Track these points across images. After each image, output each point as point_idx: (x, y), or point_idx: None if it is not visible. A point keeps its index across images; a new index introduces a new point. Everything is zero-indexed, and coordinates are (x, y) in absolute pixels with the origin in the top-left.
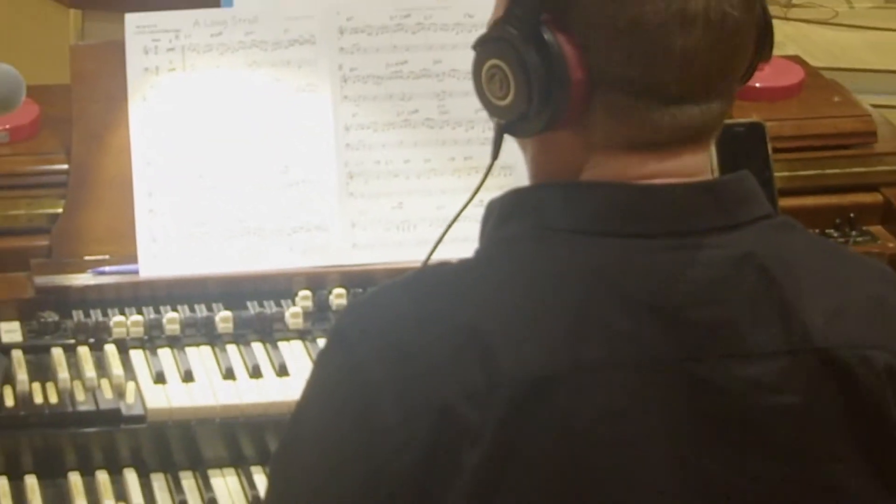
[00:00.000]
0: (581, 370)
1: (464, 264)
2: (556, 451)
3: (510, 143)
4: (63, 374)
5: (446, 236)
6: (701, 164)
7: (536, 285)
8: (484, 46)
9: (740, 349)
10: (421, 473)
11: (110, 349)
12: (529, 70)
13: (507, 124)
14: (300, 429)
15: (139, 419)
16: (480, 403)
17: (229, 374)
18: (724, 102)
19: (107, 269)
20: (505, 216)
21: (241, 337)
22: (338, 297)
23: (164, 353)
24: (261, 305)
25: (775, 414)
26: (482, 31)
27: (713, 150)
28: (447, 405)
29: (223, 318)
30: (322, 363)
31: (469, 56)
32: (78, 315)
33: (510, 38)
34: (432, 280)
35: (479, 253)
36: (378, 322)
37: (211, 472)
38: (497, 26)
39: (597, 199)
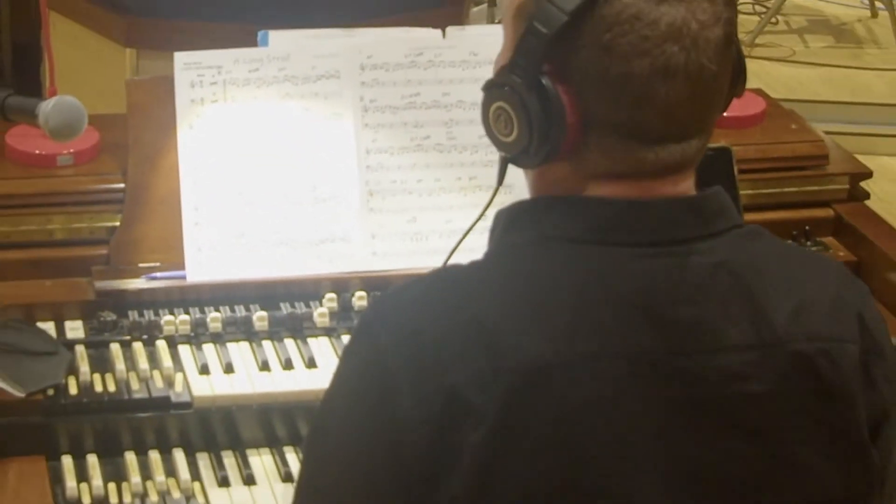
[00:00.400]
0: (575, 360)
1: (473, 266)
2: (551, 432)
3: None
4: (120, 366)
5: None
6: (682, 189)
7: (537, 286)
8: (491, 90)
9: (716, 343)
10: (433, 449)
11: (161, 344)
12: (531, 113)
13: (511, 157)
14: (330, 409)
15: (186, 405)
16: (485, 388)
17: (265, 367)
18: (703, 138)
19: (158, 274)
20: (510, 225)
21: (275, 334)
22: (359, 300)
23: (208, 348)
24: (292, 306)
25: (747, 400)
26: (485, 67)
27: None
28: (455, 390)
29: (259, 317)
30: (350, 352)
31: (473, 89)
32: (133, 315)
33: (514, 85)
34: (446, 279)
35: (487, 256)
36: (398, 315)
37: (249, 451)
38: (503, 73)
39: (590, 212)
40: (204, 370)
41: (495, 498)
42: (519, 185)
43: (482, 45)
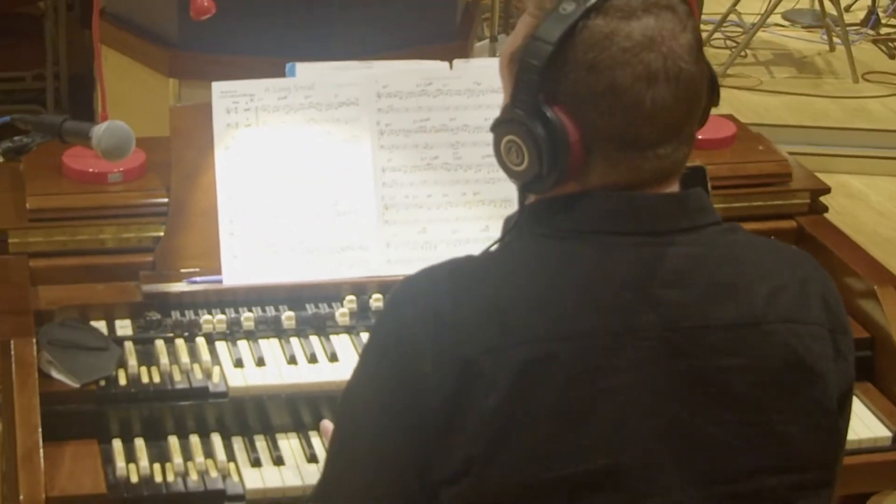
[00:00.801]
0: (579, 335)
1: (489, 255)
2: (557, 398)
3: (508, 179)
4: (164, 360)
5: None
6: (669, 190)
7: (544, 271)
8: (499, 127)
9: (701, 322)
10: (446, 408)
11: (200, 341)
12: (537, 138)
13: (526, 185)
14: (361, 374)
15: (223, 395)
16: (497, 360)
17: (292, 360)
18: (688, 147)
19: (198, 279)
20: (522, 221)
21: (301, 331)
22: (376, 301)
23: (242, 344)
24: (316, 307)
25: (729, 373)
26: (488, 95)
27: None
28: (470, 360)
29: (287, 317)
30: (379, 325)
31: (477, 114)
32: (175, 314)
33: (519, 118)
34: (464, 266)
35: (499, 248)
36: (422, 294)
37: (278, 435)
38: (507, 109)
39: (590, 206)
40: (238, 363)
41: (508, 457)
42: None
43: (485, 75)
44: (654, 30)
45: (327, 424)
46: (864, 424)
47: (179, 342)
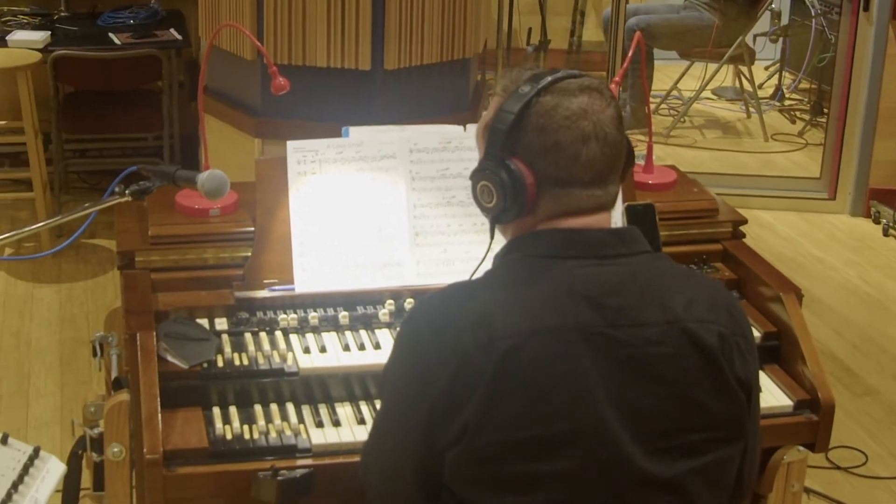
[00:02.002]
0: (545, 331)
1: (481, 278)
2: (530, 378)
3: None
4: (251, 348)
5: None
6: (605, 223)
7: (518, 285)
8: (475, 175)
9: (636, 321)
10: (450, 389)
11: (278, 334)
12: (503, 182)
13: (495, 218)
14: (389, 366)
15: (294, 374)
16: (485, 352)
17: (346, 348)
18: (616, 186)
19: (276, 287)
20: (504, 252)
21: (353, 326)
22: (408, 304)
23: (309, 336)
24: (364, 308)
25: (658, 358)
26: None
27: (625, 218)
28: (466, 353)
29: (343, 315)
30: (400, 334)
31: None
32: (259, 314)
33: (490, 167)
34: (463, 287)
35: (486, 274)
36: (431, 309)
37: (336, 404)
38: (481, 163)
39: (552, 238)
40: (306, 350)
41: (493, 422)
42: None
43: None
44: (587, 105)
45: None
46: (772, 396)
47: (262, 335)
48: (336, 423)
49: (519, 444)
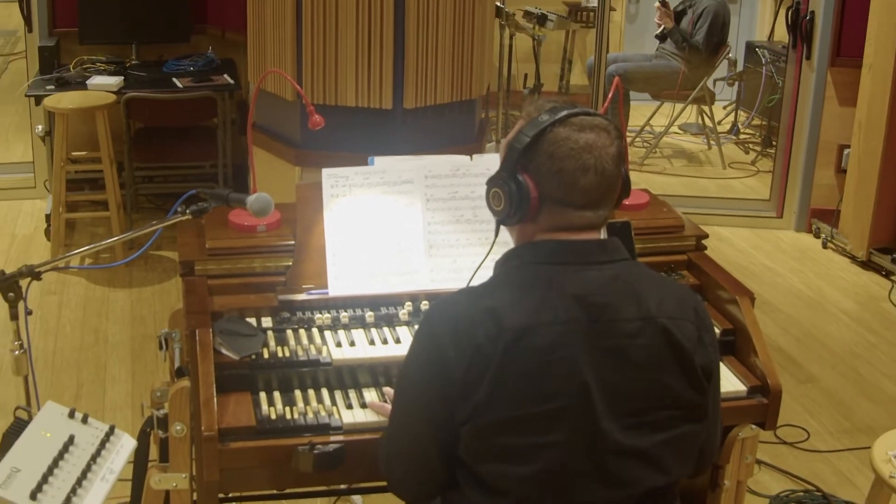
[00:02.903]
0: (541, 324)
1: (486, 283)
2: (529, 362)
3: (504, 231)
4: (292, 342)
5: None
6: (593, 238)
7: (521, 288)
8: (490, 182)
9: (617, 316)
10: (465, 376)
11: (314, 330)
12: (511, 191)
13: (501, 220)
14: (407, 361)
15: (328, 364)
16: (493, 342)
17: (372, 342)
18: (608, 211)
19: (313, 291)
20: (505, 260)
21: (377, 324)
22: (424, 305)
23: (341, 332)
24: (387, 309)
25: (634, 348)
26: None
27: (606, 233)
28: (478, 344)
29: (369, 315)
30: (418, 331)
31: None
32: (299, 314)
33: (502, 178)
34: (472, 290)
35: (492, 278)
36: (446, 310)
37: (363, 389)
38: (497, 172)
39: (547, 248)
40: (338, 344)
41: (498, 401)
42: (508, 243)
43: (491, 164)
44: (593, 141)
45: (389, 390)
46: (729, 382)
47: (301, 331)
48: (363, 406)
49: (518, 420)
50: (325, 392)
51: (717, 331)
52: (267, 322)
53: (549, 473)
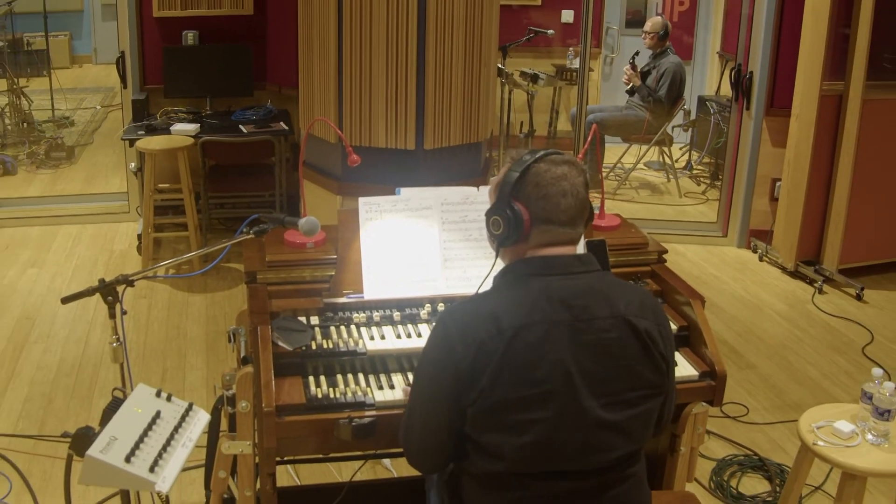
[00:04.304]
0: (532, 324)
1: (488, 291)
2: (523, 357)
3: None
4: (334, 336)
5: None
6: (573, 251)
7: (516, 295)
8: (490, 212)
9: (593, 315)
10: (472, 368)
11: (353, 326)
12: (508, 217)
13: (501, 241)
14: (424, 354)
15: (364, 354)
16: (494, 340)
17: (398, 336)
18: (582, 228)
19: (352, 295)
20: (503, 273)
21: (403, 322)
22: (440, 307)
23: (374, 328)
24: (410, 309)
25: (609, 341)
26: None
27: (585, 249)
28: (482, 340)
29: (396, 314)
30: (433, 331)
31: None
32: (340, 313)
33: (500, 207)
34: (477, 297)
35: (493, 286)
36: (456, 312)
37: (392, 374)
38: (494, 205)
39: (536, 262)
40: (371, 338)
41: (498, 387)
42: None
43: None
44: (566, 172)
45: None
46: (684, 368)
47: (342, 327)
48: (391, 387)
49: (516, 400)
50: (361, 376)
51: (674, 327)
52: (314, 320)
53: (540, 443)
